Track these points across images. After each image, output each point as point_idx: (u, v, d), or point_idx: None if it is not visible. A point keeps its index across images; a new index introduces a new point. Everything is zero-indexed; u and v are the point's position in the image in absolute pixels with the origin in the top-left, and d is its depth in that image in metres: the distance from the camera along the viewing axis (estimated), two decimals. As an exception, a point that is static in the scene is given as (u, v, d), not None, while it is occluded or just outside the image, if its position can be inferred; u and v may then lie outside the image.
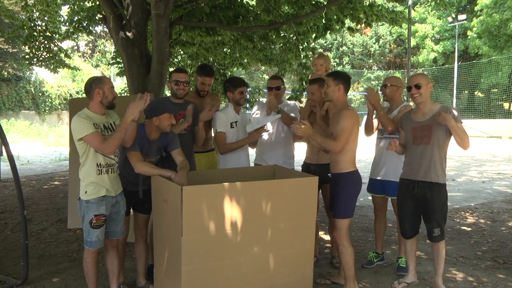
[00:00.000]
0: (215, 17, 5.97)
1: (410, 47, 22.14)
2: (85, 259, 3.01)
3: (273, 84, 3.97)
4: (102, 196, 2.91)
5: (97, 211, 2.90)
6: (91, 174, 2.89)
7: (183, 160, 3.15)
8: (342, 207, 3.26)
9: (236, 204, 2.69)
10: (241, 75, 15.16)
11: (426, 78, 3.32)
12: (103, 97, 2.91)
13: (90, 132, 2.80)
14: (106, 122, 2.99)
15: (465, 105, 28.19)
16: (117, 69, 11.66)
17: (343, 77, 3.36)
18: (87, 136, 2.80)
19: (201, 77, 3.91)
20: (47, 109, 25.67)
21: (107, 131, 2.96)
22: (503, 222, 5.63)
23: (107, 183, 2.93)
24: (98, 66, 34.76)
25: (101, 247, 2.99)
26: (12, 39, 17.55)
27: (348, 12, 6.18)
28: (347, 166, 3.25)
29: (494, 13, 23.56)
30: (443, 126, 3.15)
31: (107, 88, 2.92)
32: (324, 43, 32.96)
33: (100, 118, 2.95)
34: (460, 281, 3.70)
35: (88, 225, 2.89)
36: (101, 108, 2.95)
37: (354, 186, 3.30)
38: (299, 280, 3.02)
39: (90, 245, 2.94)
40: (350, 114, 3.20)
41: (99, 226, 2.91)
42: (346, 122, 3.16)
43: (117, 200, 3.03)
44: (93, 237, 2.92)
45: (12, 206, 6.41)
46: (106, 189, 2.93)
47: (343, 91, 3.31)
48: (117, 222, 3.07)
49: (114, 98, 2.97)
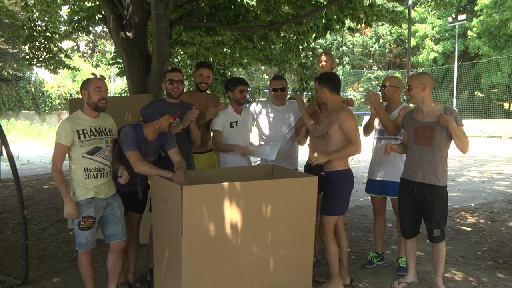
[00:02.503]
0: (215, 17, 5.97)
1: (410, 47, 22.13)
2: (79, 261, 3.01)
3: (278, 85, 3.96)
4: (90, 198, 2.89)
5: (85, 213, 2.89)
6: (78, 177, 2.88)
7: (180, 159, 3.14)
8: (329, 204, 3.31)
9: (236, 204, 2.69)
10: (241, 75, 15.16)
11: (418, 80, 3.27)
12: (88, 98, 2.89)
13: (59, 142, 2.82)
14: (97, 126, 2.95)
15: (465, 105, 28.17)
16: (117, 69, 11.65)
17: (326, 78, 3.40)
18: (56, 144, 2.84)
19: (198, 70, 3.94)
20: (47, 109, 25.69)
21: (95, 135, 2.92)
22: (503, 222, 5.63)
23: (95, 187, 2.91)
24: (98, 66, 34.74)
25: (92, 248, 2.98)
26: (12, 39, 17.55)
27: (348, 12, 6.17)
28: (339, 164, 3.29)
29: (494, 13, 23.54)
30: (445, 128, 3.14)
31: (92, 89, 2.88)
32: (324, 43, 32.93)
33: (91, 121, 2.93)
34: (460, 281, 3.70)
35: (76, 227, 2.89)
36: (90, 111, 2.93)
37: (345, 184, 3.32)
38: (299, 280, 3.02)
39: (79, 247, 2.94)
40: (349, 115, 3.28)
41: (87, 228, 2.90)
42: (351, 123, 3.25)
43: (108, 202, 3.00)
44: (81, 239, 2.91)
45: (12, 206, 6.41)
46: (95, 191, 2.92)
47: (329, 92, 3.35)
48: (115, 223, 3.04)
49: (100, 99, 2.89)
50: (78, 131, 2.85)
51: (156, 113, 3.04)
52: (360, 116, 25.86)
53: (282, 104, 4.04)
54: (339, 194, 3.30)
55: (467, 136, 3.18)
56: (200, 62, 4.21)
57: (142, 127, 3.10)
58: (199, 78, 3.93)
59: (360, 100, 33.39)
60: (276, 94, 3.98)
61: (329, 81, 3.38)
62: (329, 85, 3.36)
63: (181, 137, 3.52)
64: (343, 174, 3.30)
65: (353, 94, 33.44)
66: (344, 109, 3.31)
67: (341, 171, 3.30)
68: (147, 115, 3.05)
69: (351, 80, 34.70)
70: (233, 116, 3.85)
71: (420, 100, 3.28)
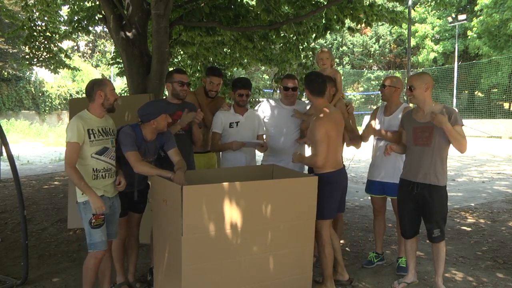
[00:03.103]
0: (215, 17, 5.97)
1: (410, 47, 22.13)
2: (86, 264, 2.93)
3: (291, 84, 3.92)
4: (100, 196, 2.88)
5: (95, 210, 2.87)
6: (87, 177, 2.85)
7: (180, 159, 3.13)
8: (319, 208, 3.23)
9: (236, 204, 2.69)
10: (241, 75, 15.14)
11: (421, 80, 3.26)
12: (105, 99, 2.90)
13: (73, 141, 2.78)
14: (103, 126, 2.96)
15: (465, 105, 28.17)
16: (117, 69, 11.65)
17: (307, 79, 3.38)
18: (69, 143, 2.80)
19: (209, 77, 3.95)
20: (47, 109, 25.67)
21: (103, 135, 2.92)
22: (503, 222, 5.63)
23: (103, 186, 2.91)
24: (98, 66, 34.75)
25: (105, 249, 2.93)
26: (12, 39, 17.55)
27: (348, 12, 6.17)
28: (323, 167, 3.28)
29: (494, 13, 23.54)
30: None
31: (109, 90, 2.91)
32: (324, 43, 32.92)
33: (98, 121, 2.93)
34: (460, 281, 3.70)
35: (88, 227, 2.85)
36: (101, 111, 2.94)
37: (328, 187, 3.26)
38: (299, 280, 3.02)
39: (94, 247, 2.87)
40: (319, 124, 3.23)
41: (99, 226, 2.87)
42: (317, 134, 3.21)
43: (112, 202, 3.01)
44: (96, 238, 2.85)
45: (12, 206, 6.41)
46: (104, 190, 2.92)
47: (310, 94, 3.34)
48: (111, 223, 3.04)
49: (115, 100, 2.95)
50: (88, 130, 2.84)
51: (152, 112, 3.02)
52: (360, 116, 25.87)
53: (291, 103, 4.02)
54: (323, 198, 3.23)
55: (467, 136, 3.17)
56: (211, 68, 4.18)
57: (141, 127, 3.09)
58: (210, 86, 3.94)
59: (360, 100, 33.39)
60: (287, 93, 3.94)
61: (310, 83, 3.34)
62: (310, 87, 3.33)
63: (183, 137, 3.52)
64: (326, 177, 3.26)
65: (353, 94, 33.45)
66: (319, 117, 3.26)
67: (324, 174, 3.26)
68: (143, 115, 3.04)
69: (351, 80, 34.70)
70: (234, 117, 3.85)
71: (422, 100, 3.27)
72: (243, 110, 3.89)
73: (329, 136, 3.23)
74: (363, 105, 32.62)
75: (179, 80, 3.49)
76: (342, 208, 3.61)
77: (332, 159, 3.30)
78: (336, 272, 3.54)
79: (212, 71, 4.02)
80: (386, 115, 3.84)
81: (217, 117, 3.83)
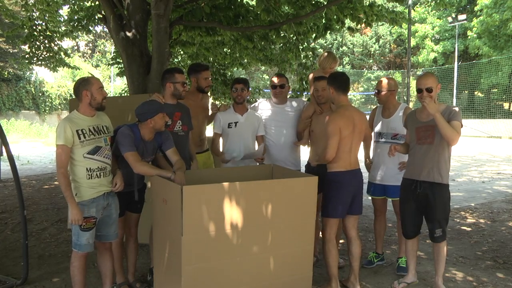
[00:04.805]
0: (215, 17, 5.96)
1: (410, 47, 22.14)
2: (72, 263, 2.93)
3: (278, 82, 3.94)
4: (93, 198, 2.87)
5: (87, 213, 2.86)
6: (81, 177, 2.84)
7: (179, 159, 3.12)
8: (324, 206, 3.34)
9: (236, 204, 2.69)
10: (241, 75, 15.15)
11: (435, 80, 3.23)
12: (92, 98, 2.87)
13: (60, 143, 2.77)
14: (94, 125, 2.92)
15: (465, 105, 28.17)
16: (117, 69, 11.65)
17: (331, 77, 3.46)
18: (58, 146, 2.79)
19: (200, 74, 3.92)
20: (47, 109, 25.68)
21: (94, 134, 2.89)
22: (503, 222, 5.64)
23: (99, 186, 2.90)
24: (98, 66, 34.74)
25: (91, 251, 2.93)
26: (12, 39, 17.52)
27: (348, 12, 6.17)
28: (333, 166, 3.30)
29: (494, 13, 23.56)
30: None
31: (95, 89, 2.87)
32: (324, 43, 32.94)
33: (89, 121, 2.90)
34: (460, 281, 3.70)
35: (77, 227, 2.84)
36: (90, 110, 2.91)
37: (335, 186, 3.28)
38: (299, 280, 3.02)
39: (79, 248, 2.88)
40: (332, 118, 3.27)
41: (89, 229, 2.86)
42: (329, 127, 3.24)
43: (108, 202, 2.98)
44: (82, 240, 2.86)
45: (12, 206, 6.41)
46: (98, 190, 2.90)
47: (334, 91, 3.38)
48: (110, 225, 3.03)
49: (103, 99, 2.91)
50: (77, 131, 2.82)
51: (149, 111, 3.00)
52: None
53: (283, 102, 4.02)
54: (330, 195, 3.27)
55: (467, 136, 3.17)
56: (198, 64, 4.13)
57: (139, 127, 3.08)
58: (205, 82, 3.93)
59: (360, 100, 33.39)
60: (275, 91, 3.95)
61: (335, 80, 3.39)
62: (334, 84, 3.37)
63: (182, 137, 3.52)
64: (334, 176, 3.28)
65: (353, 94, 33.44)
66: (335, 112, 3.33)
67: (333, 172, 3.29)
68: (140, 114, 3.02)
69: (351, 80, 34.62)
70: (233, 117, 3.84)
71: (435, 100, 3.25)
72: (243, 110, 3.87)
73: (342, 133, 3.23)
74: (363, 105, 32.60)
75: (181, 81, 3.47)
76: (357, 210, 3.44)
77: (343, 158, 3.28)
78: (348, 279, 3.46)
79: (200, 67, 4.00)
80: (385, 117, 3.84)
81: (217, 118, 3.85)
